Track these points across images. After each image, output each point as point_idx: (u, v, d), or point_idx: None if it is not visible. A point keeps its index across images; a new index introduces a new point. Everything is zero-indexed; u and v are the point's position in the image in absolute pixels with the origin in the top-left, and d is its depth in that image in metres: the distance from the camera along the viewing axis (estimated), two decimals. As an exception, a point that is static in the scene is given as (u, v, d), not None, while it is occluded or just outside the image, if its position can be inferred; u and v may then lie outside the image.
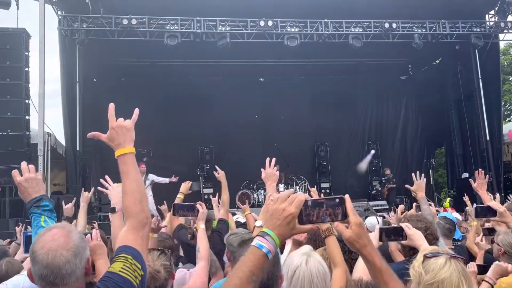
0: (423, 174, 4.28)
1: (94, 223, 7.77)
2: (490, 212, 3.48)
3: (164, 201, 6.62)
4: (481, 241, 4.33)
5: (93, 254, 2.94)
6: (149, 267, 2.64)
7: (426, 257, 2.01)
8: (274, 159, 3.33)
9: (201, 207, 3.58)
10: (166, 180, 12.84)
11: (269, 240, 1.44)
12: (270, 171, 3.25)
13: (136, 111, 2.34)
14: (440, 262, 1.94)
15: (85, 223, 4.79)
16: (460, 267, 1.93)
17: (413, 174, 4.31)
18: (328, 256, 2.68)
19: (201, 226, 3.50)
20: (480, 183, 4.18)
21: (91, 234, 2.96)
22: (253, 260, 1.42)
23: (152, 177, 12.95)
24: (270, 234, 1.45)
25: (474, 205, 4.40)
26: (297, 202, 1.46)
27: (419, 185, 4.11)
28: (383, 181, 16.18)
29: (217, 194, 5.93)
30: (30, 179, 2.24)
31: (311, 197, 1.65)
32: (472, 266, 3.38)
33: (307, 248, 2.20)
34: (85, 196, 4.85)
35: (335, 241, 2.77)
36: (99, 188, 3.43)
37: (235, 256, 2.22)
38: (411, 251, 2.93)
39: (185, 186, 4.85)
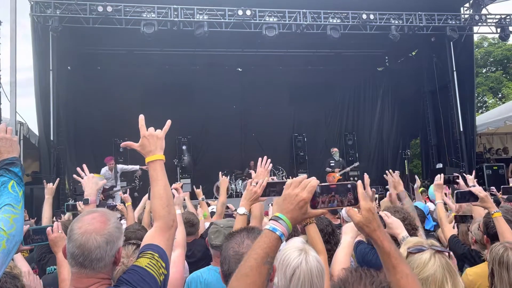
0: (396, 172, 4.28)
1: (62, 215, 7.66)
2: (471, 197, 3.51)
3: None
4: (453, 228, 4.41)
5: (53, 246, 2.90)
6: (122, 264, 2.61)
7: (410, 253, 2.01)
8: (267, 159, 3.29)
9: (176, 191, 3.53)
10: (135, 167, 12.65)
11: (282, 224, 1.49)
12: (261, 170, 3.23)
13: (168, 122, 2.55)
14: (424, 258, 1.93)
15: (50, 216, 4.70)
16: (444, 262, 1.93)
17: (385, 176, 4.29)
18: (311, 243, 2.69)
19: (177, 211, 3.44)
20: (394, 181, 4.14)
21: (51, 226, 2.91)
22: (268, 242, 1.47)
23: (120, 167, 12.73)
24: (283, 218, 1.50)
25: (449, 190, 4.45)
26: (310, 187, 1.52)
27: (395, 182, 4.11)
28: (332, 163, 14.97)
29: (200, 186, 5.95)
30: (5, 138, 2.17)
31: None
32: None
33: (299, 242, 2.18)
34: (49, 188, 4.75)
35: (316, 228, 2.80)
36: (74, 176, 3.37)
37: (223, 248, 2.22)
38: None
39: (175, 186, 4.68)
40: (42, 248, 3.79)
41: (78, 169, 3.30)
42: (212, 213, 5.95)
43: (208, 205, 6.45)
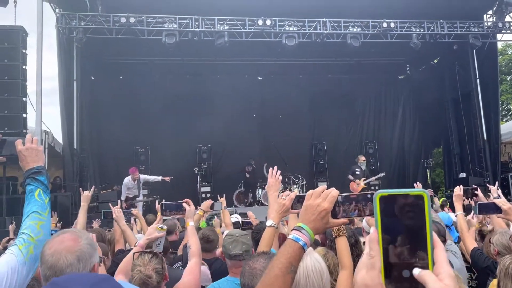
0: (418, 183, 4.26)
1: (99, 221, 7.80)
2: (493, 209, 3.43)
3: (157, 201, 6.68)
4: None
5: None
6: (139, 273, 2.66)
7: None
8: (277, 170, 3.35)
9: (187, 205, 3.60)
10: (158, 178, 12.68)
11: (305, 234, 1.52)
12: (272, 181, 3.28)
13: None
14: None
15: (84, 223, 4.79)
16: None
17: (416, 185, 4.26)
18: (338, 256, 2.70)
19: (190, 223, 3.51)
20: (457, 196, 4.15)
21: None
22: (291, 252, 1.49)
23: (142, 177, 12.64)
24: (305, 228, 1.53)
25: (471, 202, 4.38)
26: (331, 197, 1.53)
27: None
28: (357, 172, 14.11)
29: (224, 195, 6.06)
30: (31, 148, 2.24)
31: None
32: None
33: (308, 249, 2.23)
34: (86, 196, 4.83)
35: (346, 242, 2.80)
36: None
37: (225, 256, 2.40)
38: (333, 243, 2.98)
39: (206, 204, 4.88)
40: None
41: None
42: (235, 224, 6.00)
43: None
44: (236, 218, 6.70)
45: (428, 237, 0.92)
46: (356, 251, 3.29)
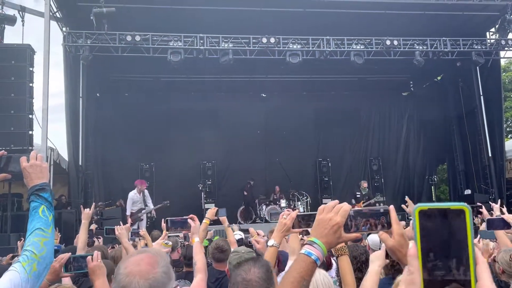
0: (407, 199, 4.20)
1: (100, 238, 7.74)
2: (502, 224, 3.39)
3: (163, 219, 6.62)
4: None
5: (92, 274, 2.94)
6: None
7: None
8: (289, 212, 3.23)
9: (192, 221, 3.57)
10: (150, 208, 12.39)
11: (317, 248, 1.51)
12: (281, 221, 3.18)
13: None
14: None
15: (85, 240, 4.77)
16: None
17: (407, 198, 4.23)
18: (341, 275, 2.68)
19: (195, 239, 3.48)
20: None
21: (91, 255, 2.97)
22: (303, 266, 1.50)
23: (146, 194, 12.42)
24: (318, 242, 1.52)
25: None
26: (343, 211, 1.52)
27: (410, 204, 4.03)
28: (358, 195, 14.72)
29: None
30: (35, 165, 2.24)
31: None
32: None
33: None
34: (86, 213, 4.82)
35: (348, 260, 2.79)
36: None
37: (231, 275, 2.25)
38: (392, 269, 2.94)
39: (211, 212, 4.78)
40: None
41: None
42: (239, 241, 5.96)
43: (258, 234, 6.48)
44: (240, 235, 6.65)
45: (471, 253, 0.89)
46: (366, 268, 3.26)
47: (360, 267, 3.25)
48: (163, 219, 3.78)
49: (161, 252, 1.96)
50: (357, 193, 14.72)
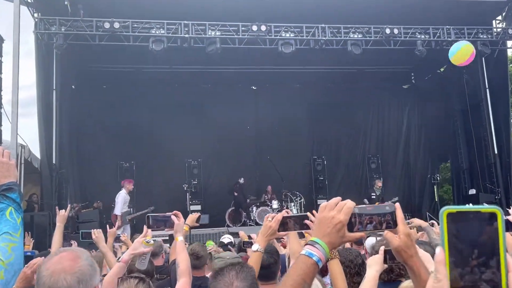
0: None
1: (74, 242, 7.68)
2: (508, 226, 3.39)
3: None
4: None
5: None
6: None
7: None
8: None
9: (176, 218, 3.50)
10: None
11: (319, 248, 1.50)
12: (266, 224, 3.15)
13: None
14: None
15: (60, 244, 4.73)
16: None
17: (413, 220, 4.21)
18: (332, 280, 2.68)
19: (179, 238, 3.42)
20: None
21: None
22: (304, 268, 1.48)
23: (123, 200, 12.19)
24: (319, 242, 1.51)
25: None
26: (346, 209, 1.52)
27: (413, 221, 4.03)
28: (373, 196, 14.75)
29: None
30: (2, 162, 2.20)
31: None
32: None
33: None
34: (61, 216, 4.78)
35: (339, 264, 2.80)
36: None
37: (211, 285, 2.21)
38: (391, 274, 2.96)
39: (191, 218, 4.48)
40: None
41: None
42: (221, 243, 5.97)
43: (249, 237, 6.49)
44: (229, 238, 6.65)
45: (502, 260, 0.89)
46: (364, 271, 3.28)
47: (358, 270, 3.27)
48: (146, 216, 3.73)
49: (81, 249, 1.99)
50: (372, 193, 14.73)
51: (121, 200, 11.95)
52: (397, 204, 1.57)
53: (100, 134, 15.68)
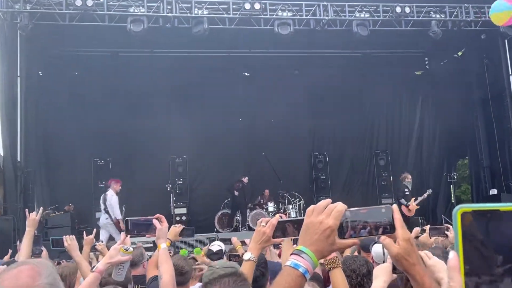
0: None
1: (43, 249, 7.66)
2: None
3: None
4: None
5: None
6: None
7: None
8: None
9: (159, 222, 3.49)
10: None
11: (306, 258, 1.49)
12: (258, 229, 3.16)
13: None
14: None
15: (29, 252, 4.71)
16: None
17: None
18: None
19: (162, 245, 3.41)
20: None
21: None
22: (289, 281, 1.47)
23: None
24: (306, 251, 1.50)
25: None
26: (336, 213, 1.51)
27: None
28: (407, 192, 13.86)
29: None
30: None
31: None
32: None
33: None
34: (32, 219, 4.75)
35: (342, 274, 2.80)
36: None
37: None
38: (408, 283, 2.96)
39: (174, 231, 4.42)
40: None
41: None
42: (209, 251, 6.00)
43: (244, 243, 6.49)
44: (218, 246, 6.64)
45: None
46: (369, 283, 3.29)
47: (361, 281, 3.26)
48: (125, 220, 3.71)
49: (45, 263, 1.98)
50: (405, 190, 13.98)
51: (116, 202, 12.02)
52: (395, 206, 1.55)
53: (71, 127, 15.59)
